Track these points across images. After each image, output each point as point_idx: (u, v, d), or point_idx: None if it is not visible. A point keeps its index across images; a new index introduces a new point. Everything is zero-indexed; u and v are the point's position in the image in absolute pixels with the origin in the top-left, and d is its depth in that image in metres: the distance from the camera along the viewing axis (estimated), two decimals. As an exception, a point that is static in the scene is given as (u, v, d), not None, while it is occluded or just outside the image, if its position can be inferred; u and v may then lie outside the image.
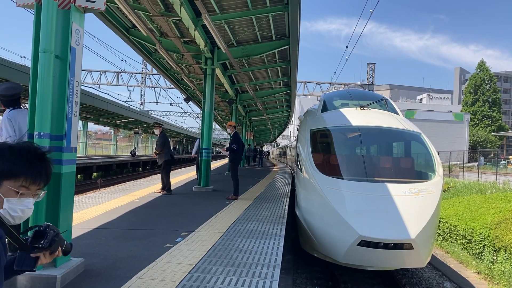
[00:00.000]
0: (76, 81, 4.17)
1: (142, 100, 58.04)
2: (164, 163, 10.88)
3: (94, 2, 4.12)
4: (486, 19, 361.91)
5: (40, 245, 1.54)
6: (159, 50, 12.91)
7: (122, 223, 6.72)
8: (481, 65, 78.02)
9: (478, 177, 23.98)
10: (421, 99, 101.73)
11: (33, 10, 4.06)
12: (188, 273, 4.23)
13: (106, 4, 4.27)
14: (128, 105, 38.88)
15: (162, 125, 11.39)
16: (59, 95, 4.01)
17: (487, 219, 10.81)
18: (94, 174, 27.58)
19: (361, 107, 9.23)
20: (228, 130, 11.01)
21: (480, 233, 10.47)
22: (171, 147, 11.29)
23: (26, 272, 1.61)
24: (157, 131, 11.06)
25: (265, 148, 78.07)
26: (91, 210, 7.73)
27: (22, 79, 16.59)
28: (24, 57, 31.13)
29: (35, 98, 3.90)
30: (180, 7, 9.32)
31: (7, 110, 4.63)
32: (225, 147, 11.19)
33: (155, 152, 11.02)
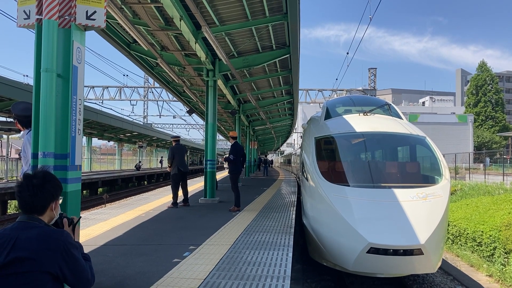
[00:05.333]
0: (79, 99, 4.17)
1: (145, 114, 58.22)
2: (171, 177, 10.90)
3: (94, 20, 4.14)
4: (484, 19, 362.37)
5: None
6: (160, 64, 12.96)
7: (129, 239, 6.69)
8: (482, 66, 77.89)
9: (485, 178, 23.85)
10: (423, 102, 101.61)
11: (34, 30, 4.08)
12: (197, 288, 4.19)
13: (106, 20, 4.28)
14: (131, 119, 39.04)
15: (178, 137, 11.33)
16: (62, 114, 4.01)
17: (496, 221, 10.72)
18: (100, 190, 27.61)
19: (365, 113, 9.20)
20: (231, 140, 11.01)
21: (490, 236, 10.38)
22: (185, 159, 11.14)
23: None
24: (173, 144, 11.06)
25: (269, 157, 77.94)
26: (98, 227, 7.71)
27: (25, 98, 16.71)
28: (27, 75, 31.34)
29: (39, 117, 3.91)
30: (180, 21, 9.36)
31: (26, 131, 4.49)
32: (225, 156, 11.20)
33: (168, 166, 11.00)
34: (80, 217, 2.52)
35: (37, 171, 2.33)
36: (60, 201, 2.39)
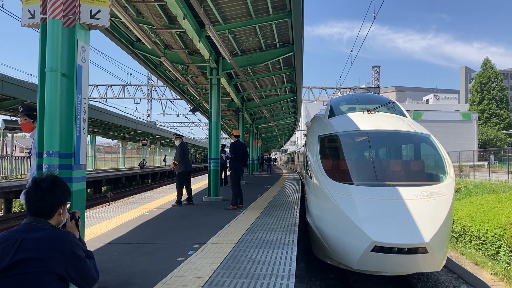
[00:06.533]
0: (84, 98, 4.18)
1: (149, 112, 58.28)
2: (176, 175, 10.87)
3: (98, 19, 4.14)
4: (488, 16, 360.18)
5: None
6: (164, 62, 12.97)
7: (133, 237, 6.71)
8: (486, 63, 77.56)
9: (489, 176, 23.74)
10: (427, 100, 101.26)
11: (39, 30, 4.09)
12: (202, 286, 4.20)
13: (111, 19, 4.28)
14: (135, 118, 39.07)
15: (183, 136, 11.34)
16: (67, 113, 4.02)
17: (501, 219, 10.68)
18: (104, 188, 27.69)
19: (369, 111, 9.17)
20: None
21: (495, 234, 10.34)
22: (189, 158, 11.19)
23: None
24: (177, 142, 11.01)
25: (272, 155, 78.00)
26: (102, 225, 7.73)
27: (30, 97, 16.78)
28: (31, 74, 31.46)
29: (43, 116, 3.92)
30: (184, 19, 9.36)
31: (35, 129, 4.57)
32: (225, 155, 11.20)
33: (173, 163, 10.93)
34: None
35: (46, 175, 2.33)
36: (68, 206, 2.40)
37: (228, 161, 10.96)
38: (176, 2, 8.59)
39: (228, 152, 10.57)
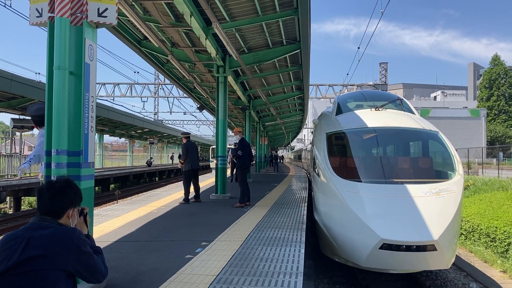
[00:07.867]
0: (91, 96, 4.19)
1: (156, 110, 58.42)
2: (183, 173, 10.90)
3: (106, 17, 4.15)
4: (497, 12, 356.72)
5: None
6: (171, 61, 12.98)
7: (141, 235, 6.73)
8: (496, 59, 76.82)
9: (498, 173, 23.53)
10: (435, 97, 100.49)
11: (47, 28, 4.10)
12: (210, 284, 4.20)
13: (117, 17, 4.29)
14: (142, 116, 39.21)
15: (189, 134, 11.37)
16: (75, 111, 4.04)
17: (510, 216, 10.60)
18: (112, 186, 27.81)
19: (376, 108, 9.12)
20: (237, 136, 10.98)
21: (504, 231, 10.25)
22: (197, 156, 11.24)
23: None
24: (184, 141, 11.06)
25: (279, 153, 78.00)
26: (110, 223, 7.77)
27: (38, 95, 16.88)
28: (39, 73, 31.63)
29: (52, 115, 3.93)
30: (191, 17, 9.35)
31: (42, 130, 4.69)
32: (232, 153, 11.21)
33: (180, 162, 10.99)
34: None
35: (60, 177, 2.36)
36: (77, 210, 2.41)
37: (235, 158, 10.95)
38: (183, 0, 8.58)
39: (239, 149, 10.52)
